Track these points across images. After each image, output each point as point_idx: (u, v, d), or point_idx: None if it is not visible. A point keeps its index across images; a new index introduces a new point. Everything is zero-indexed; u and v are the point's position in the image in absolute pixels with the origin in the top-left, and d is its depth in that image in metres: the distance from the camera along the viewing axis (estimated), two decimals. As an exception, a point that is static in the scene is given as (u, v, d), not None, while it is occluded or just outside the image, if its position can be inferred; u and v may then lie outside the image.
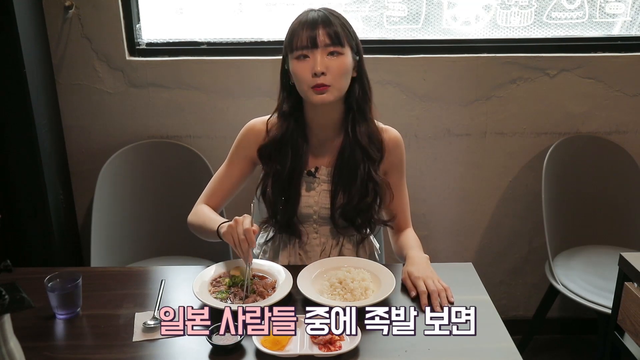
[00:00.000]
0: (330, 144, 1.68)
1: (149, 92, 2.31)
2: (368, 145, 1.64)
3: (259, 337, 1.28)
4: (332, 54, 1.53)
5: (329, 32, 1.52)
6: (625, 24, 2.34)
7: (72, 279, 1.42)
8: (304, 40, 1.52)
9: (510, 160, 2.45)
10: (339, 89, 1.56)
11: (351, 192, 1.64)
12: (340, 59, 1.54)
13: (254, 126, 1.72)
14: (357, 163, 1.64)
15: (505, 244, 2.57)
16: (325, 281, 1.50)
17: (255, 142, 1.69)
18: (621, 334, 1.78)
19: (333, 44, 1.52)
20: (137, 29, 2.29)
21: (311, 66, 1.52)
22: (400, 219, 1.76)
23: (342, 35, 1.54)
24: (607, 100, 2.37)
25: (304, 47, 1.53)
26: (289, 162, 1.64)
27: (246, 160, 1.72)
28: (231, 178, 1.73)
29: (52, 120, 2.23)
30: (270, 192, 1.67)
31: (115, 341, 1.33)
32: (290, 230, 1.70)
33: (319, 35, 1.52)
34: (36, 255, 2.22)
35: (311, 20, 1.54)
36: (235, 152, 1.74)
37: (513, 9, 2.30)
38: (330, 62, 1.53)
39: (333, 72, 1.53)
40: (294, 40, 1.54)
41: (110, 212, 2.29)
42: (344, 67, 1.55)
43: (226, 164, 1.75)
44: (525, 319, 2.53)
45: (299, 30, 1.54)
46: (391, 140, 1.70)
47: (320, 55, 1.52)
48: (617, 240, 2.39)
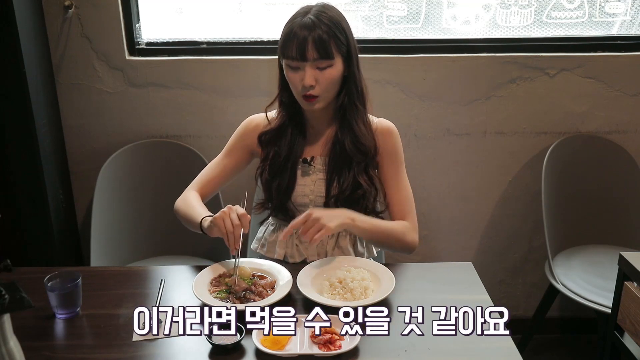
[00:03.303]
0: (326, 133, 1.72)
1: (149, 91, 2.31)
2: (360, 141, 1.66)
3: (258, 337, 1.28)
4: (321, 68, 1.57)
5: (318, 46, 1.54)
6: (625, 23, 2.34)
7: (72, 278, 1.42)
8: (294, 52, 1.56)
9: (510, 160, 2.45)
10: (327, 98, 1.62)
11: (345, 182, 1.67)
12: (329, 72, 1.58)
13: (252, 120, 1.78)
14: (349, 156, 1.66)
15: (505, 243, 2.57)
16: (325, 281, 1.50)
17: (255, 132, 1.75)
18: (621, 333, 1.78)
19: (321, 58, 1.56)
20: (137, 28, 2.29)
21: (301, 77, 1.57)
22: (396, 211, 1.73)
23: (332, 47, 1.56)
24: (607, 99, 2.37)
25: (294, 59, 1.56)
26: (286, 148, 1.69)
27: (244, 150, 1.77)
28: (226, 167, 1.77)
29: (51, 119, 2.23)
30: (267, 175, 1.71)
31: (115, 341, 1.33)
32: (284, 213, 1.72)
33: (308, 49, 1.54)
34: (36, 255, 2.22)
35: (302, 28, 1.55)
36: (234, 141, 1.78)
37: (513, 9, 2.30)
38: (319, 74, 1.57)
39: (322, 84, 1.58)
40: (285, 49, 1.58)
41: (110, 212, 2.29)
42: (333, 79, 1.59)
43: (223, 153, 1.79)
44: (525, 319, 2.53)
45: (290, 39, 1.56)
46: (382, 130, 1.72)
47: (309, 68, 1.56)
48: (617, 240, 2.39)
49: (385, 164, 1.73)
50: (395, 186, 1.73)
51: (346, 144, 1.66)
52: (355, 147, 1.66)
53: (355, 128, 1.66)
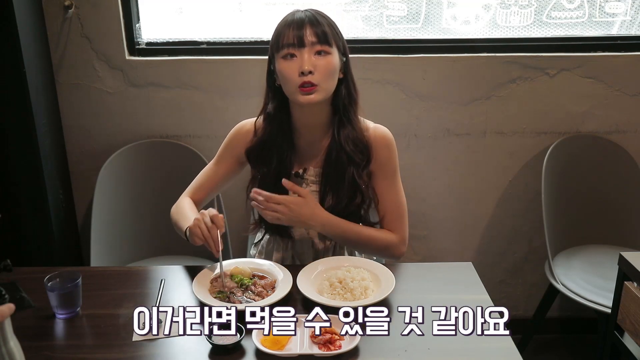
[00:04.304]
0: (318, 144, 1.66)
1: (149, 91, 2.31)
2: (353, 151, 1.61)
3: (258, 337, 1.28)
4: (320, 53, 1.52)
5: (316, 31, 1.51)
6: (625, 23, 2.34)
7: (72, 278, 1.42)
8: (291, 39, 1.51)
9: (510, 160, 2.45)
10: (326, 89, 1.54)
11: (339, 194, 1.63)
12: (328, 58, 1.52)
13: (243, 127, 1.72)
14: (344, 166, 1.62)
15: (505, 243, 2.57)
16: (325, 281, 1.50)
17: (244, 143, 1.69)
18: (621, 333, 1.78)
19: (320, 43, 1.51)
20: (137, 28, 2.29)
21: (298, 65, 1.50)
22: (385, 222, 1.69)
23: (330, 35, 1.53)
24: (607, 99, 2.37)
25: (290, 45, 1.51)
26: (274, 164, 1.63)
27: (233, 160, 1.73)
28: (217, 175, 1.75)
29: (51, 120, 2.23)
30: None
31: (115, 341, 1.33)
32: (278, 230, 1.70)
33: (306, 34, 1.50)
34: (36, 255, 2.22)
35: (298, 19, 1.53)
36: (223, 151, 1.75)
37: (513, 9, 2.30)
38: (317, 61, 1.51)
39: (321, 71, 1.51)
40: (281, 39, 1.53)
41: (110, 212, 2.29)
42: (332, 67, 1.53)
43: (214, 161, 1.76)
44: (525, 319, 2.53)
45: (285, 30, 1.52)
46: (378, 139, 1.66)
47: (307, 53, 1.50)
48: (617, 240, 2.39)
49: (378, 175, 1.67)
50: (386, 198, 1.67)
51: (345, 143, 1.60)
52: (356, 146, 1.61)
53: (355, 125, 1.62)
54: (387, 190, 1.68)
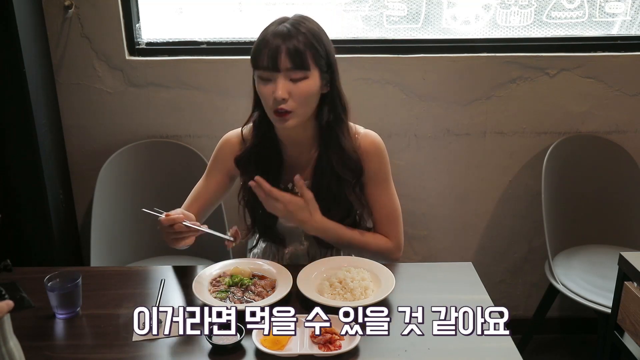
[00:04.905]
0: (307, 155, 1.62)
1: (149, 91, 2.31)
2: (342, 171, 1.57)
3: (258, 337, 1.28)
4: (295, 81, 1.44)
5: (292, 55, 1.41)
6: (625, 23, 2.34)
7: (72, 278, 1.42)
8: (265, 61, 1.43)
9: (510, 160, 2.45)
10: (303, 114, 1.48)
11: (331, 210, 1.60)
12: (304, 84, 1.45)
13: (229, 139, 1.67)
14: (332, 188, 1.59)
15: (505, 243, 2.57)
16: (325, 281, 1.50)
17: (231, 155, 1.65)
18: (621, 333, 1.78)
19: (295, 68, 1.42)
20: (137, 28, 2.29)
21: (272, 90, 1.44)
22: (379, 229, 1.67)
23: (308, 57, 1.43)
24: (607, 99, 2.37)
25: (265, 69, 1.44)
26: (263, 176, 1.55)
27: (223, 174, 1.69)
28: (208, 191, 1.70)
29: (51, 119, 2.23)
30: (248, 201, 1.66)
31: (115, 341, 1.33)
32: (271, 236, 1.69)
33: (281, 58, 1.41)
34: (36, 255, 2.22)
35: (276, 36, 1.43)
36: (212, 165, 1.70)
37: (513, 9, 2.30)
38: (293, 87, 1.44)
39: (296, 98, 1.44)
40: (257, 58, 1.45)
41: (110, 212, 2.29)
42: (308, 92, 1.46)
43: (204, 176, 1.71)
44: (525, 319, 2.53)
45: (262, 48, 1.44)
46: (368, 148, 1.61)
47: (282, 79, 1.43)
48: (617, 240, 2.39)
49: (370, 184, 1.64)
50: (380, 205, 1.65)
51: (334, 164, 1.55)
52: (344, 165, 1.57)
53: (343, 144, 1.56)
54: (381, 197, 1.65)
